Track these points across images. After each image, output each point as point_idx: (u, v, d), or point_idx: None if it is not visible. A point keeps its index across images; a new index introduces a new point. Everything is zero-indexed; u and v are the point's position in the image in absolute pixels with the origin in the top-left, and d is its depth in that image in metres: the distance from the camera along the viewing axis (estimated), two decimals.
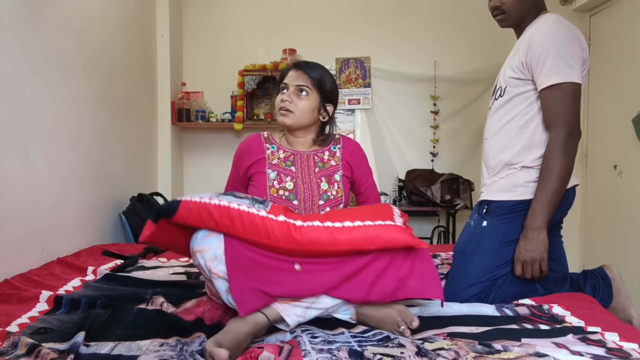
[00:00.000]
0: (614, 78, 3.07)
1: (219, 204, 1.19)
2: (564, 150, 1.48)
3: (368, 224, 1.20)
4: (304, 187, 1.57)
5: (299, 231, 1.18)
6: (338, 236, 1.17)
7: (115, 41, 2.83)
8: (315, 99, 1.59)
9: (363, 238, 1.18)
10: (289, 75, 1.61)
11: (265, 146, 1.64)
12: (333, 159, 1.64)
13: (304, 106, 1.57)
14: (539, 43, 1.51)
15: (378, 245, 1.18)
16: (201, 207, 1.19)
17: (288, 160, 1.61)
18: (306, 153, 1.62)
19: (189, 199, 1.21)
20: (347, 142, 1.69)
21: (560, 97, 1.49)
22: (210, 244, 1.21)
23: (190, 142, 3.87)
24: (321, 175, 1.60)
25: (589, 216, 3.37)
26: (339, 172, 1.62)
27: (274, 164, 1.60)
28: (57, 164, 2.19)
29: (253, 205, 1.22)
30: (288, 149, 1.63)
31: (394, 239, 1.18)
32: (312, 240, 1.17)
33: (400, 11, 3.77)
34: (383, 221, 1.21)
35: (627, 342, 1.13)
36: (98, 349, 1.12)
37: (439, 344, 1.13)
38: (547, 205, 1.49)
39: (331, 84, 1.63)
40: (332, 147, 1.66)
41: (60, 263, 2.04)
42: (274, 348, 1.06)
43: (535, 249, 1.50)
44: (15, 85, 1.90)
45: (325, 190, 1.58)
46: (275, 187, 1.56)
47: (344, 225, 1.20)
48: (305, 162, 1.61)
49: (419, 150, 3.80)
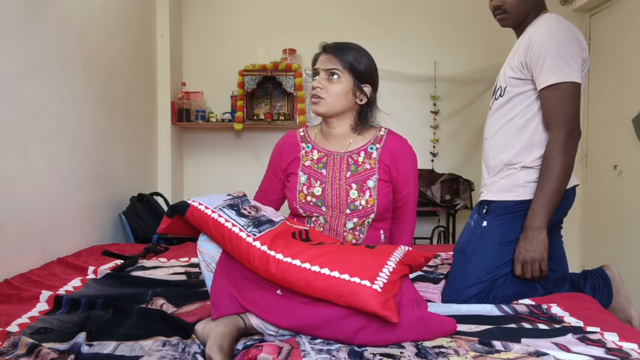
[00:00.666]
0: (614, 78, 3.07)
1: (217, 219, 1.22)
2: (564, 150, 1.48)
3: (344, 279, 1.10)
4: (332, 194, 1.50)
5: (276, 266, 1.14)
6: (311, 281, 1.11)
7: (115, 41, 2.83)
8: (348, 81, 1.50)
9: (333, 292, 1.10)
10: (320, 59, 1.54)
11: (300, 145, 1.60)
12: (368, 161, 1.53)
13: (336, 91, 1.49)
14: (538, 43, 1.51)
15: (345, 303, 1.09)
16: (202, 217, 1.23)
17: (321, 162, 1.55)
18: (339, 155, 1.54)
19: (197, 205, 1.25)
20: (389, 142, 1.56)
21: (559, 97, 1.49)
22: (207, 248, 1.25)
23: (190, 142, 3.87)
24: (352, 180, 1.51)
25: (589, 216, 3.37)
26: (373, 178, 1.51)
27: (306, 165, 1.56)
28: (57, 164, 2.19)
29: (247, 227, 1.21)
30: (322, 148, 1.57)
31: (361, 303, 1.07)
32: (285, 279, 1.14)
33: (400, 11, 3.77)
34: (361, 279, 1.09)
35: (626, 342, 1.13)
36: (101, 348, 1.12)
37: (439, 341, 1.13)
38: (547, 205, 1.49)
39: (367, 63, 1.54)
40: (370, 147, 1.55)
41: (60, 263, 2.05)
42: (273, 348, 1.06)
43: (535, 249, 1.50)
44: (15, 85, 1.90)
45: (354, 199, 1.49)
46: (304, 193, 1.52)
47: (321, 272, 1.11)
48: (337, 164, 1.53)
49: (419, 150, 3.76)
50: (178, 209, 1.26)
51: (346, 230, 1.52)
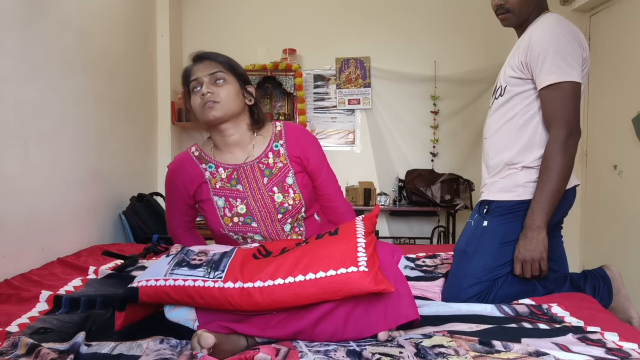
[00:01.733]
0: (614, 78, 3.07)
1: (175, 285, 1.15)
2: (564, 149, 1.48)
3: (331, 275, 1.11)
4: (258, 206, 1.43)
5: (260, 294, 1.12)
6: (301, 292, 1.11)
7: (115, 41, 2.83)
8: (234, 82, 1.44)
9: (327, 292, 1.11)
10: (194, 70, 1.43)
11: (200, 167, 1.47)
12: (279, 159, 1.47)
13: (227, 93, 1.40)
14: (538, 42, 1.51)
15: (342, 295, 1.12)
16: (159, 291, 1.16)
17: (232, 178, 1.44)
18: (249, 165, 1.45)
19: (145, 284, 1.17)
20: (290, 133, 1.50)
21: (559, 96, 1.48)
22: (178, 316, 1.20)
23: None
24: (272, 185, 1.44)
25: (589, 216, 3.37)
26: (289, 174, 1.46)
27: (218, 188, 1.44)
28: (57, 164, 2.19)
29: (208, 275, 1.16)
30: (227, 164, 1.46)
31: (357, 289, 1.11)
32: (275, 301, 1.12)
33: (400, 11, 3.77)
34: (346, 268, 1.12)
35: (626, 342, 1.13)
36: (99, 348, 1.12)
37: (439, 340, 1.13)
38: (546, 205, 1.48)
39: (239, 65, 1.50)
40: (274, 146, 1.48)
41: (60, 263, 2.05)
42: (270, 350, 1.06)
43: (535, 248, 1.50)
44: (15, 85, 1.90)
45: (281, 202, 1.43)
46: (228, 216, 1.43)
47: (307, 279, 1.11)
48: (250, 175, 1.44)
49: (419, 150, 3.80)
50: (128, 299, 1.19)
51: (286, 233, 1.47)
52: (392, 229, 3.82)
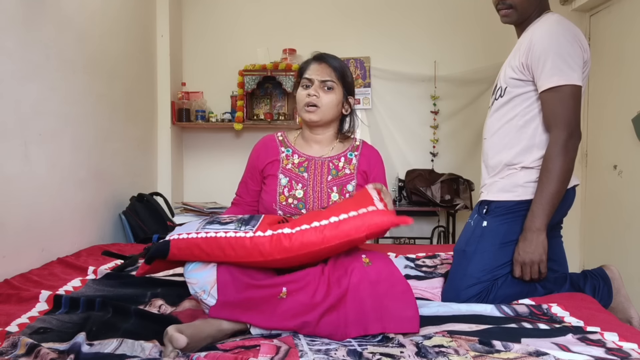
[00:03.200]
0: (614, 78, 3.07)
1: (207, 237, 1.21)
2: (564, 152, 1.48)
3: (352, 215, 1.22)
4: (314, 197, 1.53)
5: (289, 239, 1.19)
6: (327, 233, 1.19)
7: (115, 41, 2.83)
8: (339, 92, 1.55)
9: (351, 228, 1.20)
10: (312, 68, 1.56)
11: (280, 149, 1.60)
12: (348, 166, 1.58)
13: (329, 101, 1.53)
14: (539, 44, 1.50)
15: (365, 230, 1.20)
16: (191, 243, 1.21)
17: (302, 165, 1.57)
18: (321, 160, 1.58)
19: (178, 237, 1.23)
20: (365, 150, 1.64)
21: (560, 99, 1.49)
22: (198, 277, 1.23)
23: (190, 142, 3.87)
24: (333, 184, 1.55)
25: (589, 216, 3.37)
26: (352, 182, 1.57)
27: (287, 168, 1.56)
28: (57, 164, 2.19)
29: (239, 228, 1.23)
30: (303, 153, 1.59)
31: (380, 222, 1.21)
32: (303, 244, 1.18)
33: (400, 11, 3.77)
34: (366, 208, 1.24)
35: (626, 342, 1.13)
36: (101, 348, 1.12)
37: (439, 340, 1.13)
38: (546, 207, 1.49)
39: (351, 76, 1.62)
40: (349, 154, 1.61)
41: (60, 263, 2.05)
42: (271, 348, 1.06)
43: (535, 250, 1.50)
44: (15, 85, 1.90)
45: (335, 201, 1.52)
46: (285, 195, 1.53)
47: (331, 222, 1.21)
48: (319, 168, 1.56)
49: (419, 150, 3.80)
50: (159, 252, 1.24)
51: None
52: (392, 229, 3.81)
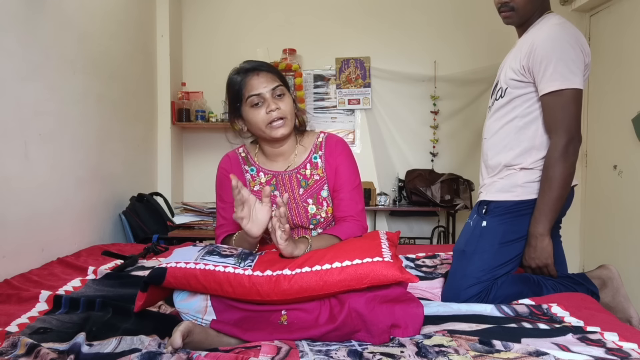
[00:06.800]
0: (613, 78, 3.07)
1: (205, 269, 1.16)
2: (564, 157, 1.49)
3: (357, 263, 1.14)
4: (291, 214, 1.44)
5: (289, 281, 1.14)
6: (328, 279, 1.13)
7: (115, 41, 2.83)
8: (289, 95, 1.42)
9: (353, 278, 1.13)
10: (252, 83, 1.38)
11: (243, 168, 1.50)
12: (316, 172, 1.46)
13: (289, 106, 1.40)
14: (541, 48, 1.50)
15: (368, 283, 1.13)
16: (188, 273, 1.16)
17: (270, 184, 1.46)
18: (287, 174, 1.46)
19: (175, 265, 1.18)
20: (329, 145, 1.48)
21: (561, 103, 1.49)
22: (188, 307, 1.20)
23: (190, 142, 3.87)
24: (306, 196, 1.45)
25: (589, 216, 3.37)
26: (325, 187, 1.46)
27: (256, 190, 1.46)
28: (57, 164, 2.19)
29: (239, 264, 1.18)
30: (268, 170, 1.48)
31: (382, 276, 1.13)
32: (302, 288, 1.13)
33: (400, 11, 3.77)
34: (371, 258, 1.16)
35: (626, 342, 1.13)
36: (101, 348, 1.12)
37: (439, 339, 1.13)
38: (548, 213, 1.51)
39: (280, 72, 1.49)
40: (313, 157, 1.48)
41: (60, 263, 2.05)
42: (271, 348, 1.06)
43: (539, 255, 1.53)
44: (15, 85, 1.90)
45: (314, 213, 1.44)
46: None
47: (333, 267, 1.15)
48: (287, 184, 1.45)
49: (419, 150, 3.80)
50: (154, 279, 1.19)
51: None
52: (392, 229, 3.82)
